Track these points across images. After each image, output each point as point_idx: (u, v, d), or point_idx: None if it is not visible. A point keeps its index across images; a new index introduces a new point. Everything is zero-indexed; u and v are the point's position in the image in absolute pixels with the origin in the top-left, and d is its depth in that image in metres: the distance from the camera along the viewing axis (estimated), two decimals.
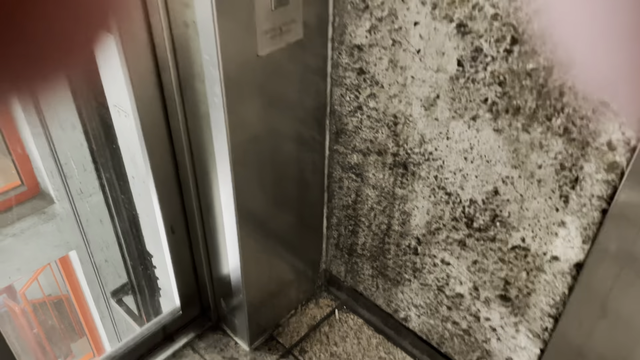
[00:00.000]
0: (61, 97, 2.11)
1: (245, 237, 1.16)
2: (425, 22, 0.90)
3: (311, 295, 1.51)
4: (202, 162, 1.10)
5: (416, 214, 1.13)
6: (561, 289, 0.97)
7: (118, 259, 2.57)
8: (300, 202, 1.28)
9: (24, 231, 2.70)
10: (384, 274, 1.31)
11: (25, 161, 2.65)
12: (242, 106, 0.98)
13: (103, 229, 2.64)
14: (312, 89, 1.12)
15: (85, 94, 1.98)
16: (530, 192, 0.91)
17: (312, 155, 1.23)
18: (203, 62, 0.92)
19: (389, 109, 1.05)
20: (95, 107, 1.98)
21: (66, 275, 3.26)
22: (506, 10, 0.79)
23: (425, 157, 1.04)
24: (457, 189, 1.02)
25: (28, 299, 4.41)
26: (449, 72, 0.91)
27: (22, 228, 2.68)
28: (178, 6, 0.89)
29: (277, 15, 0.93)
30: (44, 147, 2.48)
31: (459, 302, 1.17)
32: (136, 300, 2.60)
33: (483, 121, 0.91)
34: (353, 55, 1.05)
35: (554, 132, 0.83)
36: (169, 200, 1.18)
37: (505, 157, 0.91)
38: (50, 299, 4.47)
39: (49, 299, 4.46)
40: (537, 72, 0.80)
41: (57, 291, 4.26)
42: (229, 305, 1.36)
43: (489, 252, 1.04)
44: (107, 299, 2.80)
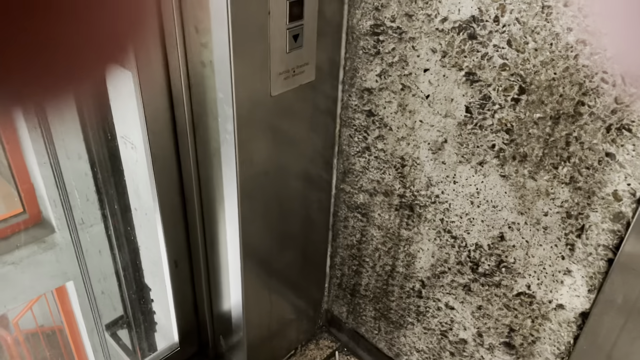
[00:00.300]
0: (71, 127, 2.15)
1: (249, 273, 1.15)
2: (434, 69, 0.92)
3: (311, 335, 1.49)
4: (210, 198, 1.11)
5: (421, 256, 1.13)
6: (566, 338, 0.96)
7: (115, 291, 2.55)
8: (304, 240, 1.28)
9: (23, 259, 2.68)
10: (387, 317, 1.30)
11: (29, 189, 2.66)
12: (252, 143, 1.00)
13: (101, 260, 2.62)
14: (321, 128, 1.14)
15: (94, 124, 2.01)
16: (536, 239, 0.92)
17: (318, 193, 1.24)
18: (217, 100, 0.94)
19: (397, 151, 1.06)
20: (103, 138, 2.01)
21: (61, 306, 3.21)
22: (514, 61, 0.82)
23: (432, 200, 1.05)
24: (463, 232, 1.02)
25: (20, 329, 4.33)
26: (457, 118, 0.93)
27: (21, 256, 2.67)
28: (196, 46, 0.92)
29: (291, 57, 0.96)
30: (49, 176, 2.50)
31: (463, 348, 1.15)
32: (131, 335, 2.55)
33: (490, 167, 0.92)
34: (363, 97, 1.07)
35: (561, 180, 0.84)
36: (175, 234, 1.18)
37: (511, 203, 0.92)
38: (43, 330, 4.39)
39: (42, 330, 4.39)
40: (544, 121, 0.82)
41: (51, 322, 4.19)
42: (228, 343, 1.34)
43: (493, 298, 1.03)
44: (101, 332, 2.76)
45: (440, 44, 0.90)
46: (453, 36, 0.88)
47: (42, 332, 4.42)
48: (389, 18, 0.95)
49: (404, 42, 0.95)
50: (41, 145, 2.36)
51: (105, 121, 1.87)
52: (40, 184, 2.59)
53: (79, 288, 2.85)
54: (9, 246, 2.70)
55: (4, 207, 2.82)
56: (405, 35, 0.94)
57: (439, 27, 0.89)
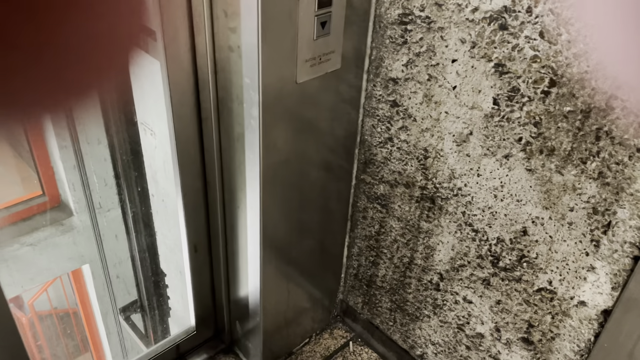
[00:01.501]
0: (93, 112, 2.17)
1: (268, 260, 1.16)
2: (463, 60, 0.92)
3: (326, 325, 1.49)
4: (231, 183, 1.12)
5: (440, 249, 1.13)
6: (587, 335, 0.95)
7: (130, 276, 2.58)
8: (322, 230, 1.29)
9: (41, 241, 2.72)
10: (403, 309, 1.30)
11: (49, 172, 2.69)
12: (276, 130, 1.00)
13: (117, 245, 2.66)
14: (344, 118, 1.14)
15: (115, 110, 2.03)
16: (560, 235, 0.91)
17: (338, 183, 1.24)
18: (244, 85, 0.94)
19: (420, 142, 1.06)
20: (123, 123, 2.03)
21: (77, 288, 3.26)
22: (546, 53, 0.80)
23: (454, 193, 1.04)
24: (484, 226, 1.02)
25: (35, 310, 4.41)
26: (484, 110, 0.92)
27: (39, 238, 2.71)
28: (224, 30, 0.92)
29: (318, 45, 0.96)
30: (69, 159, 2.53)
31: (479, 342, 1.15)
32: (144, 319, 2.59)
33: (516, 160, 0.91)
34: (388, 87, 1.07)
35: (588, 175, 0.83)
36: (195, 219, 1.19)
37: (536, 198, 0.91)
38: (57, 312, 4.46)
39: (56, 312, 4.46)
40: (574, 115, 0.81)
41: (65, 304, 4.26)
42: (244, 329, 1.35)
43: (513, 293, 1.03)
44: (116, 315, 2.80)
45: (470, 34, 0.89)
46: (483, 27, 0.87)
47: (56, 314, 4.49)
48: (418, 7, 0.94)
49: (433, 32, 0.94)
50: (62, 128, 2.39)
51: (126, 107, 1.89)
52: (60, 168, 2.63)
53: (94, 271, 2.89)
54: (27, 228, 2.74)
55: (24, 189, 2.86)
56: (434, 25, 0.93)
57: (469, 17, 0.88)
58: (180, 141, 1.06)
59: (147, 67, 1.35)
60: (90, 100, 0.20)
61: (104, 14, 0.18)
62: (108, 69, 0.20)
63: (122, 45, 0.19)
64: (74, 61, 0.18)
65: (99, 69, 0.19)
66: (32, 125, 0.19)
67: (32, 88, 0.18)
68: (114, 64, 0.20)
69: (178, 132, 1.05)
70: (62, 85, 0.19)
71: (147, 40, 1.23)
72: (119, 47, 0.19)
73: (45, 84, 0.18)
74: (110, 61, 0.20)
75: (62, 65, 0.18)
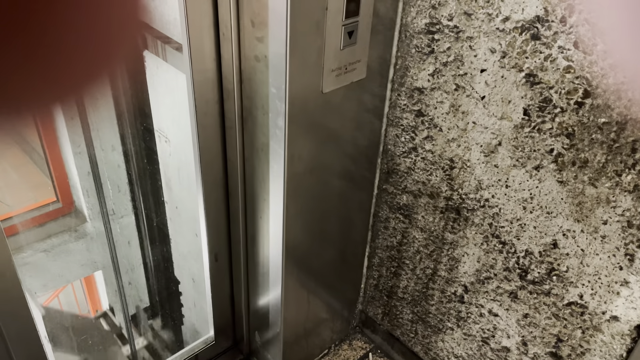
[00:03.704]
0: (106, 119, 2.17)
1: (289, 270, 1.15)
2: (492, 70, 0.90)
3: (345, 336, 1.47)
4: (254, 193, 1.11)
5: (465, 261, 1.11)
6: (619, 351, 0.93)
7: (142, 283, 2.57)
8: (343, 240, 1.27)
9: (54, 247, 2.73)
10: (425, 321, 1.28)
11: (63, 178, 2.70)
12: (300, 140, 0.99)
13: (130, 251, 2.65)
14: (366, 127, 1.13)
15: (130, 116, 2.03)
16: (592, 248, 0.89)
17: (360, 193, 1.23)
18: (270, 95, 0.93)
19: (446, 153, 1.04)
20: (138, 130, 2.03)
21: (89, 294, 3.26)
22: (580, 63, 0.79)
23: (481, 204, 1.02)
24: (512, 238, 1.00)
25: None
26: (514, 121, 0.91)
27: (53, 244, 2.72)
28: (251, 40, 0.92)
29: (344, 54, 0.95)
30: (83, 166, 2.53)
31: (505, 356, 1.13)
32: (157, 326, 2.58)
33: (547, 172, 0.90)
34: (413, 97, 1.06)
35: (623, 188, 0.81)
36: (216, 229, 1.18)
37: (567, 210, 0.89)
38: None
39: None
40: (609, 126, 0.79)
41: (76, 310, 4.26)
42: (263, 339, 1.34)
43: (542, 307, 1.01)
44: (128, 322, 2.79)
45: (500, 44, 0.88)
46: (514, 36, 0.85)
47: None
48: (446, 17, 0.93)
49: (461, 42, 0.93)
50: (77, 134, 2.40)
51: (142, 114, 1.89)
52: (74, 174, 2.64)
53: (107, 277, 2.89)
54: (41, 234, 2.75)
55: (38, 195, 2.87)
56: (463, 35, 0.92)
57: (499, 27, 0.87)
58: (203, 151, 1.05)
59: (164, 75, 1.35)
60: (96, 89, 0.20)
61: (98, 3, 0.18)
62: (109, 56, 0.19)
63: (118, 34, 0.19)
64: (73, 48, 0.18)
65: (99, 55, 0.19)
66: (42, 116, 0.19)
67: (35, 78, 0.18)
68: (113, 52, 0.19)
69: (202, 141, 1.04)
70: (65, 73, 0.18)
71: (171, 52, 1.23)
72: (116, 35, 0.19)
73: (47, 73, 0.18)
74: (109, 48, 0.19)
75: (61, 53, 0.18)
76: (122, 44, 0.19)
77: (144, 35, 1.38)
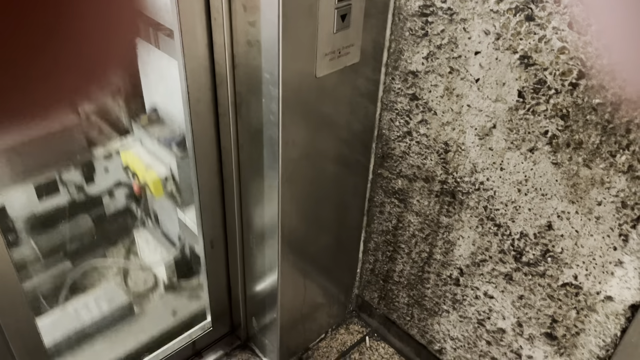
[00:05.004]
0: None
1: (285, 256, 1.15)
2: (486, 52, 0.90)
3: (342, 320, 1.48)
4: (249, 179, 1.10)
5: (461, 244, 1.11)
6: (613, 330, 0.94)
7: None
8: (338, 225, 1.27)
9: None
10: (421, 304, 1.29)
11: None
12: (295, 125, 0.98)
13: None
14: (361, 112, 1.13)
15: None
16: (587, 229, 0.89)
17: (354, 178, 1.23)
18: (263, 80, 0.93)
19: (441, 136, 1.04)
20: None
21: None
22: (575, 44, 0.79)
23: (476, 187, 1.03)
24: (507, 221, 1.00)
25: None
26: (509, 103, 0.90)
27: None
28: (243, 25, 0.91)
29: (338, 38, 0.94)
30: None
31: (500, 337, 1.14)
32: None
33: (541, 154, 0.90)
34: (407, 81, 1.05)
35: (618, 169, 0.82)
36: (212, 216, 1.18)
37: (562, 192, 0.90)
38: None
39: None
40: (604, 107, 0.79)
41: None
42: (260, 325, 1.34)
43: (537, 288, 1.01)
44: None
45: (495, 25, 0.87)
46: (509, 18, 0.85)
47: None
48: None
49: (455, 24, 0.92)
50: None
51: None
52: None
53: None
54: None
55: None
56: (457, 17, 0.91)
57: (493, 9, 0.86)
58: (197, 138, 1.05)
59: (156, 62, 1.33)
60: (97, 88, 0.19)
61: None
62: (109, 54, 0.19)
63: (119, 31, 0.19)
64: (73, 47, 0.17)
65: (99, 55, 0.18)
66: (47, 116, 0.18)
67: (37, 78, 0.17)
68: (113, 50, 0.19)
69: (195, 128, 1.03)
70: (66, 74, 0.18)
71: (163, 38, 1.21)
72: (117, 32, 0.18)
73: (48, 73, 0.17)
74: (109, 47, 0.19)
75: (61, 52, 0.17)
76: (122, 36, 0.19)
77: (139, 25, 1.36)
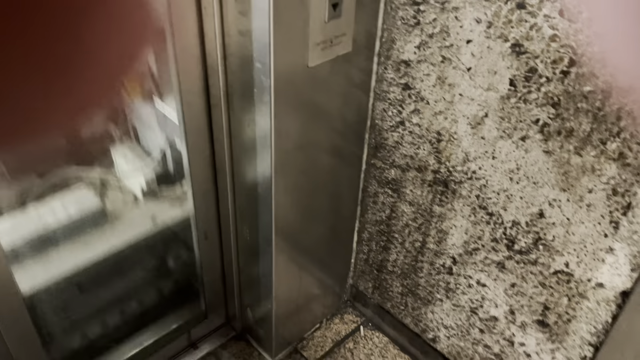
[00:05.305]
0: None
1: (280, 247, 1.15)
2: (478, 41, 0.90)
3: (336, 310, 1.49)
4: (242, 170, 1.10)
5: (453, 233, 1.12)
6: (604, 317, 0.95)
7: None
8: (332, 215, 1.28)
9: None
10: (415, 293, 1.29)
11: None
12: (287, 116, 0.98)
13: None
14: (354, 102, 1.12)
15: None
16: (578, 216, 0.90)
17: (348, 168, 1.23)
18: (254, 70, 0.92)
19: (433, 126, 1.04)
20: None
21: None
22: (566, 31, 0.79)
23: (468, 176, 1.03)
24: (499, 209, 1.01)
25: None
26: (500, 91, 0.91)
27: None
28: (234, 14, 0.90)
29: (330, 27, 0.94)
30: None
31: (493, 325, 1.15)
32: None
33: (533, 142, 0.90)
34: (399, 70, 1.05)
35: (608, 156, 0.82)
36: (205, 206, 1.18)
37: (553, 180, 0.90)
38: None
39: None
40: (594, 95, 0.80)
41: None
42: (255, 316, 1.35)
43: (529, 276, 1.02)
44: None
45: (486, 13, 0.87)
46: (500, 6, 0.85)
47: None
48: None
49: (447, 12, 0.92)
50: None
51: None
52: None
53: None
54: None
55: None
56: (448, 5, 0.91)
57: None
58: (189, 128, 1.04)
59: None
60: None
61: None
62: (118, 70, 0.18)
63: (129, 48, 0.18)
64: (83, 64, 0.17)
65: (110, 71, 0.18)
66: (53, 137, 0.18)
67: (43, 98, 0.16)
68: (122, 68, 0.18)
69: (187, 118, 1.03)
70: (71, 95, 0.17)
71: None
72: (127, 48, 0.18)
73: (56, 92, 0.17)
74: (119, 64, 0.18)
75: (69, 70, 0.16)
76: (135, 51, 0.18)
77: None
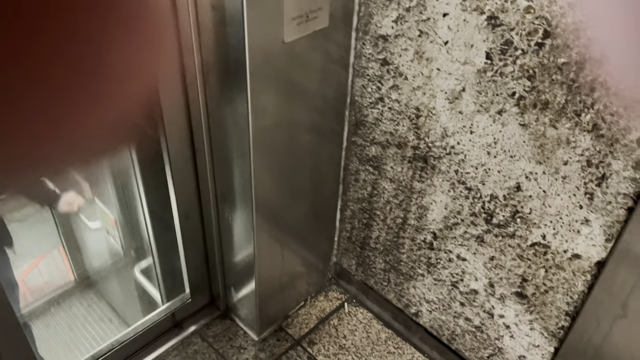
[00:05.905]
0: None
1: (261, 226, 1.15)
2: (454, 14, 0.89)
3: (320, 287, 1.50)
4: (220, 149, 1.09)
5: (434, 209, 1.13)
6: (580, 287, 0.96)
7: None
8: (314, 194, 1.28)
9: (29, 217, 2.69)
10: (397, 269, 1.31)
11: None
12: (265, 93, 0.97)
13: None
14: (333, 79, 1.12)
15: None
16: (554, 189, 0.91)
17: (329, 146, 1.23)
18: (229, 47, 0.91)
19: (412, 101, 1.04)
20: None
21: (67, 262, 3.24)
22: (540, 3, 0.78)
23: (447, 151, 1.03)
24: (477, 183, 1.01)
25: (27, 286, 4.40)
26: (477, 65, 0.90)
27: (27, 214, 2.68)
28: None
29: (305, 2, 0.92)
30: None
31: (473, 298, 1.16)
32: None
33: (509, 115, 0.90)
34: (377, 45, 1.04)
35: (583, 128, 0.82)
36: (185, 187, 1.17)
37: (530, 153, 0.91)
38: (48, 287, 4.45)
39: (48, 287, 4.45)
40: (569, 66, 0.80)
41: (56, 278, 4.25)
42: (239, 295, 1.35)
43: (507, 249, 1.03)
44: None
45: None
46: None
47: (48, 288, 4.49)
48: None
49: None
50: None
51: None
52: None
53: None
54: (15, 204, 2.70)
55: None
56: None
57: None
58: (165, 108, 1.03)
59: None
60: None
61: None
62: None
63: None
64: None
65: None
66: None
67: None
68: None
69: (163, 98, 1.01)
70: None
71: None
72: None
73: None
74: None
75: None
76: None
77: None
